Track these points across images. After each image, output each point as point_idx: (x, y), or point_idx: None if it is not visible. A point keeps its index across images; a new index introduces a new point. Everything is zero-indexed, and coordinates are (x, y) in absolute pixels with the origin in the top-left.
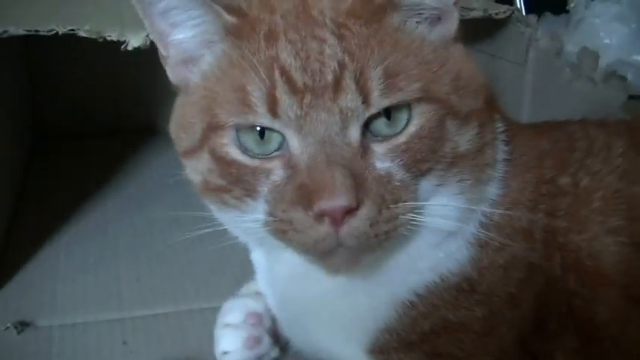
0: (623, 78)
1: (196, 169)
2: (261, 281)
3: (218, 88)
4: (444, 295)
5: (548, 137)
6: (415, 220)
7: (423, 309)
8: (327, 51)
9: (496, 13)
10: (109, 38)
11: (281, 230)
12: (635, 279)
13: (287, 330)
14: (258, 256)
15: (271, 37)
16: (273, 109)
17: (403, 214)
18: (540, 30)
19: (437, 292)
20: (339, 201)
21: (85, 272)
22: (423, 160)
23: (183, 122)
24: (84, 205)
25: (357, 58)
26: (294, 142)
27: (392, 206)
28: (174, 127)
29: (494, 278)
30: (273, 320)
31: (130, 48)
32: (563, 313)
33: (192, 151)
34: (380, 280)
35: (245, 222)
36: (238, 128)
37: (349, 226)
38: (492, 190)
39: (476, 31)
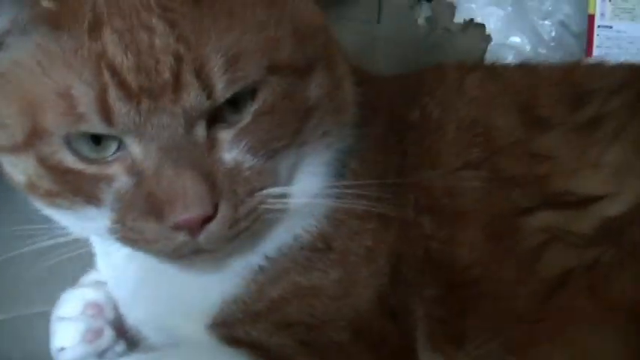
0: (481, 26)
1: (19, 169)
2: (101, 267)
3: (38, 88)
4: (296, 256)
5: (398, 81)
6: (278, 206)
7: (273, 273)
8: (159, 42)
9: None
10: None
11: (131, 239)
12: (496, 216)
13: (126, 314)
14: (95, 242)
15: (96, 26)
16: (107, 117)
17: (262, 204)
18: None
19: (289, 254)
20: (194, 211)
21: None
22: (272, 136)
23: None
24: None
25: (193, 46)
26: (136, 149)
27: (247, 199)
28: None
29: (351, 232)
30: (117, 311)
31: None
32: (419, 259)
33: (12, 150)
34: (232, 252)
35: (85, 227)
36: (69, 135)
37: (207, 232)
38: (347, 138)
39: None
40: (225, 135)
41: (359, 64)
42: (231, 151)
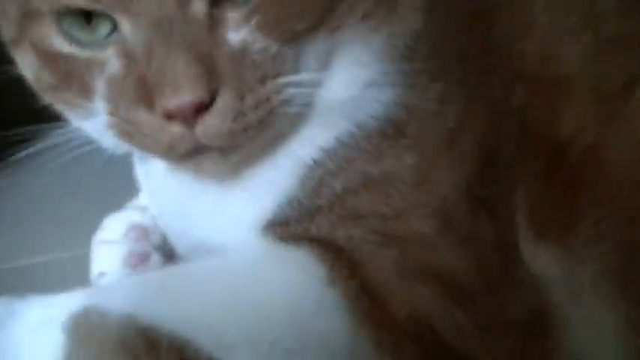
0: None
1: (25, 63)
2: (145, 194)
3: None
4: (361, 144)
5: None
6: (301, 97)
7: (332, 165)
8: None
9: None
10: None
11: (126, 133)
12: (603, 79)
13: (174, 239)
14: (138, 169)
15: None
16: None
17: (278, 93)
18: None
19: (352, 143)
20: (184, 97)
21: None
22: (291, 14)
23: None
24: None
25: None
26: (125, 25)
27: (257, 87)
28: None
29: (428, 115)
30: (165, 238)
31: None
32: (515, 135)
33: (15, 42)
34: (276, 151)
35: (92, 125)
36: (59, 14)
37: (205, 125)
38: (414, 21)
39: None
40: (235, 14)
41: None
42: (239, 30)
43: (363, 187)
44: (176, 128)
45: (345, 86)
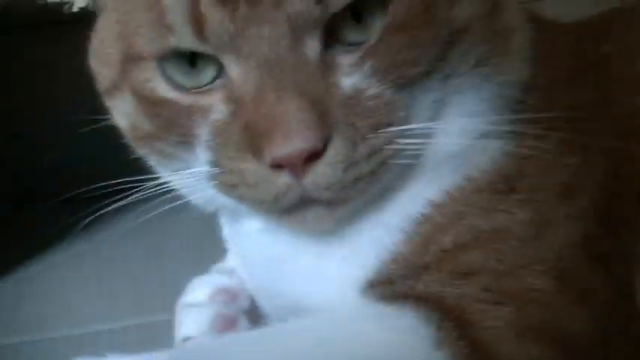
0: None
1: (121, 112)
2: (233, 256)
3: (130, 6)
4: (471, 199)
5: (581, 22)
6: (412, 147)
7: (442, 220)
8: None
9: None
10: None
11: (229, 184)
12: None
13: (264, 302)
14: (227, 229)
15: None
16: (199, 28)
17: (390, 144)
18: None
19: (462, 197)
20: (296, 144)
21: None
22: (405, 59)
23: (101, 53)
24: None
25: None
26: (234, 68)
27: (370, 136)
28: (93, 60)
29: (540, 170)
30: (254, 303)
31: (75, 9)
32: (635, 190)
33: (113, 89)
34: (382, 206)
35: (189, 176)
36: (162, 57)
37: (315, 174)
38: (522, 73)
39: None
40: (346, 59)
41: None
42: (352, 75)
43: (474, 243)
44: (284, 178)
45: (456, 137)
